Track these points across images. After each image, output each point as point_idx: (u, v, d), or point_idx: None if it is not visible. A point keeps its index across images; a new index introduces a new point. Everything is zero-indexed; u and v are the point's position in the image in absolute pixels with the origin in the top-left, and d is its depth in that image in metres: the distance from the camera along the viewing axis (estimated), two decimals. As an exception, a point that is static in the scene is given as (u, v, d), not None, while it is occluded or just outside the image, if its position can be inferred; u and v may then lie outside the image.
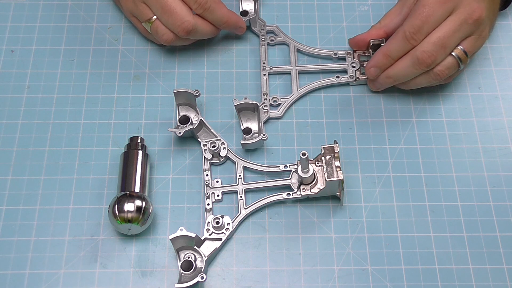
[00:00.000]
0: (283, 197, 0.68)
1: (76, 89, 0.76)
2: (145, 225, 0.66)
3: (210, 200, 0.68)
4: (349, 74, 0.76)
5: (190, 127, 0.70)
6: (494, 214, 0.69)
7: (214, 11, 0.74)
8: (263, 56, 0.78)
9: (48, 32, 0.81)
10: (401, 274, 0.66)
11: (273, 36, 0.80)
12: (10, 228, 0.68)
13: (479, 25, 0.70)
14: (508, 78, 0.78)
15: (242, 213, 0.68)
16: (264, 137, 0.71)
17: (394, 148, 0.73)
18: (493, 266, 0.66)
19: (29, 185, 0.70)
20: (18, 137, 0.73)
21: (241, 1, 0.80)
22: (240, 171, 0.70)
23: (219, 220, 0.66)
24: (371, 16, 0.82)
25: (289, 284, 0.65)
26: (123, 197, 0.65)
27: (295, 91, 0.75)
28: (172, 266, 0.66)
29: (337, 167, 0.66)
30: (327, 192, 0.68)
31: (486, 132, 0.74)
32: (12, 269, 0.66)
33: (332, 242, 0.67)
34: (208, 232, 0.66)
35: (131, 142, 0.70)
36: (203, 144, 0.71)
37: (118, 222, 0.64)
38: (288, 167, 0.70)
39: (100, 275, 0.66)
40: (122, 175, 0.68)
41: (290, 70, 0.77)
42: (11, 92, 0.76)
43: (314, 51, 0.78)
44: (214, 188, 0.69)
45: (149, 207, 0.66)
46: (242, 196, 0.69)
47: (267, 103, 0.75)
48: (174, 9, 0.72)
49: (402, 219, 0.69)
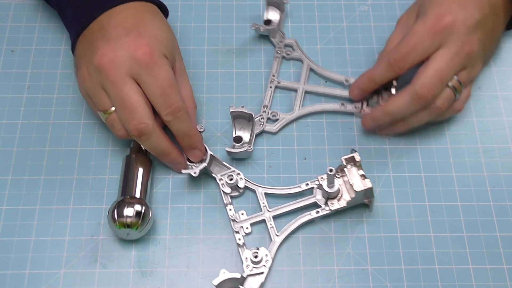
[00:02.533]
0: (313, 215, 0.67)
1: (76, 89, 0.76)
2: (143, 231, 0.66)
3: (241, 235, 0.67)
4: (355, 104, 0.74)
5: (204, 165, 0.68)
6: (494, 214, 0.69)
7: (183, 123, 0.66)
8: (274, 69, 0.77)
9: (48, 32, 0.81)
10: (401, 274, 0.66)
11: (290, 51, 0.78)
12: (10, 228, 0.68)
13: (471, 58, 0.68)
14: (508, 78, 0.78)
15: (276, 241, 0.66)
16: (249, 148, 0.70)
17: (394, 148, 0.73)
18: (493, 266, 0.66)
19: (29, 185, 0.70)
20: (18, 137, 0.73)
21: (267, 10, 0.79)
22: (262, 198, 0.69)
23: (257, 254, 0.65)
24: (371, 16, 0.82)
25: (289, 284, 0.65)
26: (123, 201, 0.65)
27: (296, 110, 0.74)
28: (172, 266, 0.66)
29: (361, 176, 0.66)
30: (355, 202, 0.67)
31: (486, 132, 0.74)
32: (12, 269, 0.66)
33: (332, 242, 0.67)
34: (249, 268, 0.64)
35: (135, 145, 0.70)
36: (219, 179, 0.69)
37: (117, 226, 0.64)
38: (309, 184, 0.69)
39: (100, 275, 0.66)
40: (124, 179, 0.68)
41: (297, 88, 0.76)
42: (11, 92, 0.76)
43: (326, 73, 0.76)
44: (242, 221, 0.68)
45: (149, 213, 0.66)
46: (272, 224, 0.67)
47: (265, 116, 0.73)
48: (135, 107, 0.63)
49: (402, 219, 0.69)
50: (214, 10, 0.83)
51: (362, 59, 0.79)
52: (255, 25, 0.77)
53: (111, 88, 0.64)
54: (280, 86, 0.76)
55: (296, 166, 0.72)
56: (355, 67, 0.78)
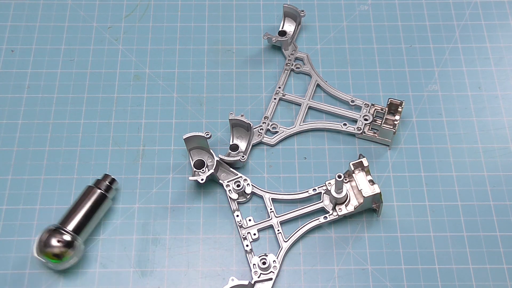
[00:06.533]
0: (321, 221, 0.67)
1: (76, 89, 0.76)
2: (63, 265, 0.63)
3: (248, 241, 0.67)
4: (357, 126, 0.72)
5: (211, 171, 0.68)
6: (494, 214, 0.69)
7: None
8: (281, 81, 0.76)
9: (48, 32, 0.81)
10: (401, 274, 0.66)
11: (299, 64, 0.77)
12: (10, 228, 0.68)
13: None
14: (508, 78, 0.78)
15: (283, 246, 0.66)
16: (242, 159, 0.70)
17: (394, 148, 0.73)
18: (493, 266, 0.66)
19: (29, 185, 0.70)
20: (18, 137, 0.73)
21: (284, 21, 0.79)
22: (270, 204, 0.68)
23: (266, 260, 0.65)
24: (371, 15, 0.82)
25: (289, 284, 0.65)
26: (51, 231, 0.63)
27: (297, 125, 0.74)
28: (172, 266, 0.66)
29: (370, 181, 0.66)
30: (363, 207, 0.67)
31: (486, 132, 0.74)
32: (12, 269, 0.66)
33: (332, 242, 0.67)
34: (257, 275, 0.64)
35: (101, 180, 0.68)
36: (226, 185, 0.69)
37: (43, 255, 0.63)
38: (317, 190, 0.68)
39: (100, 275, 0.66)
40: (71, 207, 0.66)
41: (301, 102, 0.75)
42: (11, 92, 0.76)
43: (333, 91, 0.75)
44: (249, 227, 0.67)
45: (75, 250, 0.63)
46: (280, 230, 0.67)
47: (264, 128, 0.73)
48: None
49: (402, 219, 0.69)
50: (214, 10, 0.83)
51: (362, 59, 0.79)
52: (267, 35, 0.76)
53: None
54: (285, 99, 0.76)
55: (296, 166, 0.72)
56: (355, 67, 0.78)
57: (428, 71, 0.78)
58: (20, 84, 0.77)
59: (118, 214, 0.69)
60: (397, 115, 0.70)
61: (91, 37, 0.80)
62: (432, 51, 0.79)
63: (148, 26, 0.81)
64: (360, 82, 0.77)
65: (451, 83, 0.77)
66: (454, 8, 0.82)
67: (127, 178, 0.71)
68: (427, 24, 0.81)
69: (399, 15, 0.82)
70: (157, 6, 0.83)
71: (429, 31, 0.81)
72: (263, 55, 0.79)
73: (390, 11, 0.82)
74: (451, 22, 0.81)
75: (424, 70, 0.78)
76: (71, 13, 0.82)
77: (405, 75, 0.77)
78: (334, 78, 0.77)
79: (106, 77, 0.77)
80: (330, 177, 0.70)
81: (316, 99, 0.75)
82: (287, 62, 0.77)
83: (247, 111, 0.75)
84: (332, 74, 0.78)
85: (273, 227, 0.68)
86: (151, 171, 0.71)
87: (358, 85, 0.77)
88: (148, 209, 0.69)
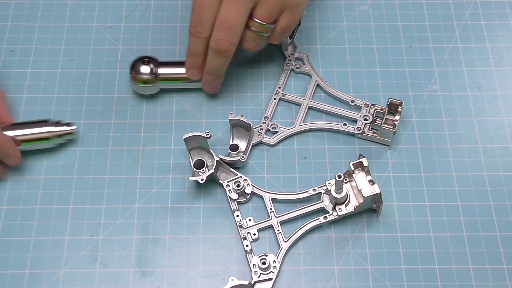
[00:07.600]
0: (321, 221, 0.67)
1: (76, 89, 0.76)
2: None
3: (248, 241, 0.67)
4: (357, 126, 0.72)
5: (211, 171, 0.67)
6: (494, 214, 0.69)
7: None
8: (281, 81, 0.76)
9: (48, 32, 0.81)
10: (401, 274, 0.66)
11: (299, 64, 0.77)
12: (10, 228, 0.68)
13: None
14: (508, 78, 0.78)
15: (283, 247, 0.66)
16: (242, 158, 0.70)
17: (394, 148, 0.73)
18: (493, 266, 0.66)
19: (29, 185, 0.70)
20: (18, 137, 0.73)
21: None
22: (270, 204, 0.68)
23: (266, 260, 0.65)
24: (371, 15, 0.82)
25: (289, 284, 0.65)
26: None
27: (297, 125, 0.74)
28: (172, 266, 0.66)
29: (369, 181, 0.66)
30: (363, 207, 0.67)
31: (486, 132, 0.74)
32: (12, 269, 0.66)
33: (332, 242, 0.67)
34: (257, 275, 0.64)
35: None
36: (226, 185, 0.69)
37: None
38: (317, 190, 0.68)
39: (100, 275, 0.66)
40: None
41: (301, 102, 0.75)
42: (11, 92, 0.76)
43: (333, 91, 0.75)
44: (249, 227, 0.67)
45: None
46: (280, 230, 0.67)
47: (264, 128, 0.73)
48: None
49: (402, 219, 0.69)
50: (214, 10, 0.82)
51: (362, 59, 0.79)
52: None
53: None
54: (285, 99, 0.76)
55: (296, 166, 0.72)
56: (355, 67, 0.78)
57: (428, 71, 0.78)
58: (20, 84, 0.77)
59: (118, 214, 0.69)
60: (397, 115, 0.70)
61: (91, 37, 0.80)
62: (432, 51, 0.79)
63: (148, 26, 0.81)
64: (360, 82, 0.77)
65: (451, 83, 0.77)
66: (454, 8, 0.82)
67: (127, 178, 0.71)
68: (427, 24, 0.81)
69: (399, 15, 0.82)
70: (157, 6, 0.83)
71: (429, 31, 0.81)
72: (263, 55, 0.79)
73: (390, 11, 0.82)
74: (451, 22, 0.81)
75: (424, 70, 0.78)
76: (71, 13, 0.82)
77: (405, 75, 0.77)
78: (334, 78, 0.77)
79: (106, 77, 0.77)
80: (330, 177, 0.70)
81: (316, 99, 0.76)
82: (287, 62, 0.78)
83: (247, 111, 0.75)
84: (332, 74, 0.78)
85: (273, 227, 0.68)
86: (151, 171, 0.71)
87: (358, 85, 0.77)
88: (148, 209, 0.69)
